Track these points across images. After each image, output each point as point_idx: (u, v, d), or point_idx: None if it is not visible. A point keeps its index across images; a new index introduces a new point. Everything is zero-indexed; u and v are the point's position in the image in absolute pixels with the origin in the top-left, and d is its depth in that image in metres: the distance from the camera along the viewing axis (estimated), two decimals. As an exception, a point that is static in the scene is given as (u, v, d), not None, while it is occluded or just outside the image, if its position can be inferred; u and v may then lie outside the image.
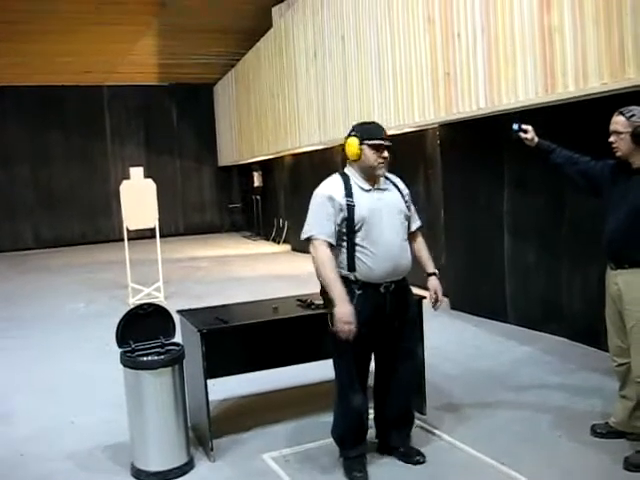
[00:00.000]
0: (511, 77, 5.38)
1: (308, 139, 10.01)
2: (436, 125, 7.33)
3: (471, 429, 4.08)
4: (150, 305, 3.84)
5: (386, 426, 3.74)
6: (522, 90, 5.26)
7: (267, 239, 15.89)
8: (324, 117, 9.26)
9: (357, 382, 3.48)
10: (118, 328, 3.72)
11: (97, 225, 16.89)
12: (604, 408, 4.16)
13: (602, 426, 3.85)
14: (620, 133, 3.45)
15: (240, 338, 4.10)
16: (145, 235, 9.72)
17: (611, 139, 3.50)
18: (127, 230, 8.70)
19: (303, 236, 3.38)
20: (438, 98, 6.47)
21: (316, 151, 11.29)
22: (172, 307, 4.08)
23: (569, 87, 4.78)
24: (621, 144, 3.47)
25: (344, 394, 3.51)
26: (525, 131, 3.91)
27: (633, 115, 3.42)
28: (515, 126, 3.91)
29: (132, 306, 3.80)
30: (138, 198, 8.62)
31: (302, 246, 13.20)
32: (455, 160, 7.35)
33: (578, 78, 4.69)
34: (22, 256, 15.32)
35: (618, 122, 3.46)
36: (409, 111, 7.04)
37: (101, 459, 3.97)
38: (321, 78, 9.30)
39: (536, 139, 3.93)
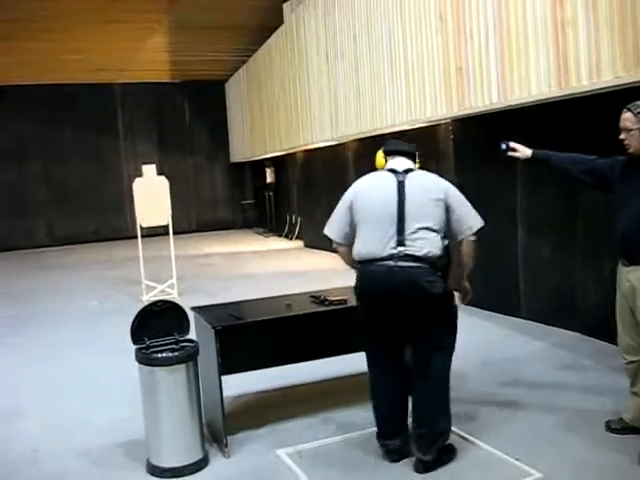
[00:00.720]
0: (524, 71, 5.35)
1: (320, 135, 10.02)
2: (448, 120, 7.31)
3: (484, 424, 4.07)
4: (164, 302, 3.86)
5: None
6: (535, 84, 5.24)
7: (280, 235, 15.91)
8: (336, 113, 9.25)
9: None
10: (133, 325, 3.74)
11: (110, 222, 16.98)
12: (617, 404, 4.12)
13: (617, 422, 3.84)
14: (630, 130, 3.41)
15: (254, 335, 4.11)
16: (158, 232, 9.76)
17: (621, 136, 3.47)
18: (140, 227, 8.74)
19: (480, 225, 3.70)
20: (450, 93, 6.45)
21: (328, 147, 11.29)
22: (186, 304, 4.09)
23: (582, 81, 4.75)
24: (632, 140, 3.43)
25: (448, 380, 3.62)
26: (514, 149, 3.96)
27: None
28: (503, 145, 3.97)
29: (146, 303, 3.82)
30: (151, 195, 8.66)
31: (314, 242, 13.21)
32: (468, 155, 7.32)
33: (592, 72, 4.66)
34: (36, 253, 15.43)
35: (627, 119, 3.42)
36: (421, 106, 7.02)
37: (116, 455, 3.99)
38: (333, 74, 9.29)
39: (529, 152, 3.94)
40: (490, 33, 5.73)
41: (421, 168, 3.72)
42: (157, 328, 3.78)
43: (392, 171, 3.61)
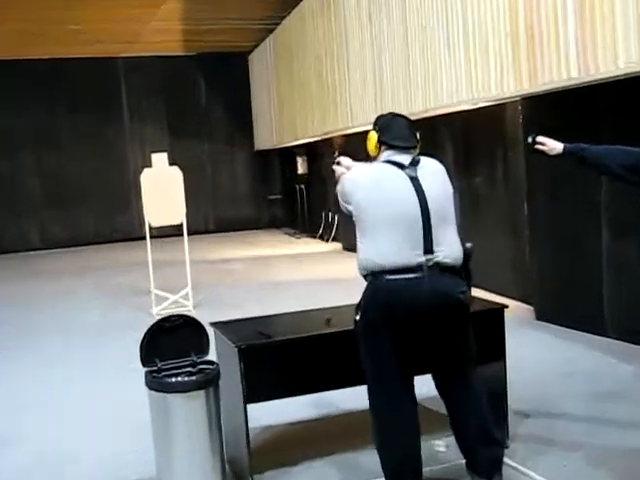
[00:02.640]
0: (609, 39, 5.28)
1: (362, 117, 10.00)
2: (518, 99, 7.25)
3: (562, 465, 4.02)
4: (179, 317, 3.88)
5: None
6: (623, 55, 5.15)
7: (314, 236, 15.93)
8: (381, 91, 9.23)
9: None
10: (142, 344, 3.77)
11: (114, 221, 17.18)
12: None
13: None
14: None
15: (286, 355, 4.10)
16: (170, 232, 9.83)
17: None
18: (149, 227, 8.81)
19: None
20: (519, 66, 6.39)
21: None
22: (203, 318, 4.12)
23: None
24: None
25: None
26: (542, 143, 3.98)
27: None
28: (529, 139, 4.04)
29: (156, 316, 3.87)
30: (162, 189, 8.72)
31: (355, 244, 13.19)
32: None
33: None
34: (29, 257, 15.66)
35: None
36: (484, 82, 6.96)
37: (123, 496, 4.04)
38: (377, 44, 9.27)
39: (559, 147, 3.94)
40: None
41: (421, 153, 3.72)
42: (170, 347, 3.80)
43: (396, 164, 3.60)
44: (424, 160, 3.67)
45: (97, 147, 17.23)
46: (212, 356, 3.95)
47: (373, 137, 3.76)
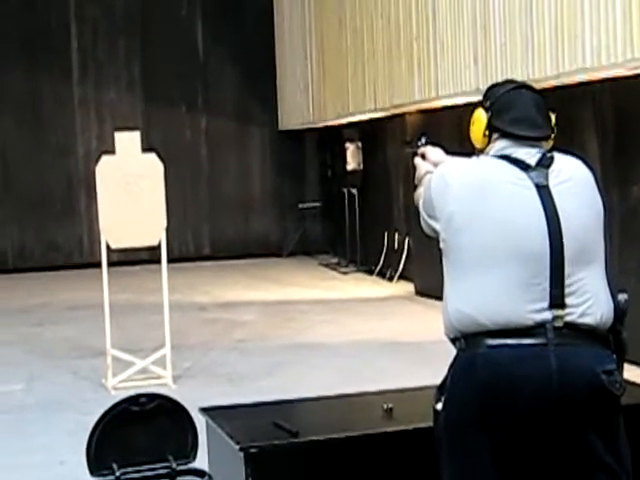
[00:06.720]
0: None
1: (454, 84, 10.00)
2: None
3: None
4: (151, 396, 3.91)
5: None
6: None
7: (369, 271, 15.92)
8: (485, 44, 9.22)
9: None
10: (91, 439, 3.79)
11: (51, 238, 17.30)
12: None
13: None
14: None
15: (320, 465, 4.09)
16: (140, 258, 9.88)
17: None
18: (107, 249, 8.85)
19: None
20: None
21: (469, 106, 11.25)
22: (189, 399, 4.14)
23: None
24: None
25: None
26: None
27: None
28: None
29: (113, 393, 3.90)
30: (129, 190, 8.75)
31: (435, 286, 13.16)
32: None
33: None
34: None
35: None
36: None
37: None
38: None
39: None
40: None
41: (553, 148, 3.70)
42: (136, 446, 3.84)
43: (515, 162, 3.59)
44: (560, 159, 3.67)
45: (25, 119, 17.36)
46: (202, 462, 3.95)
47: (480, 118, 3.75)
